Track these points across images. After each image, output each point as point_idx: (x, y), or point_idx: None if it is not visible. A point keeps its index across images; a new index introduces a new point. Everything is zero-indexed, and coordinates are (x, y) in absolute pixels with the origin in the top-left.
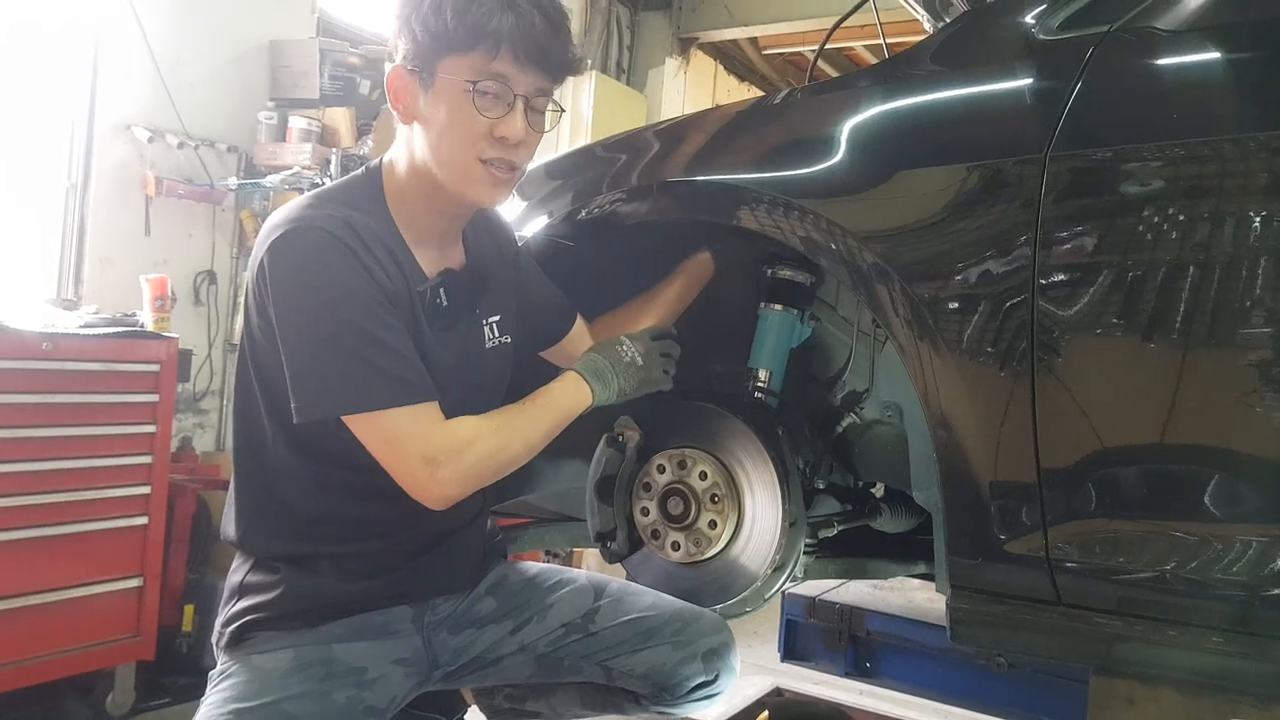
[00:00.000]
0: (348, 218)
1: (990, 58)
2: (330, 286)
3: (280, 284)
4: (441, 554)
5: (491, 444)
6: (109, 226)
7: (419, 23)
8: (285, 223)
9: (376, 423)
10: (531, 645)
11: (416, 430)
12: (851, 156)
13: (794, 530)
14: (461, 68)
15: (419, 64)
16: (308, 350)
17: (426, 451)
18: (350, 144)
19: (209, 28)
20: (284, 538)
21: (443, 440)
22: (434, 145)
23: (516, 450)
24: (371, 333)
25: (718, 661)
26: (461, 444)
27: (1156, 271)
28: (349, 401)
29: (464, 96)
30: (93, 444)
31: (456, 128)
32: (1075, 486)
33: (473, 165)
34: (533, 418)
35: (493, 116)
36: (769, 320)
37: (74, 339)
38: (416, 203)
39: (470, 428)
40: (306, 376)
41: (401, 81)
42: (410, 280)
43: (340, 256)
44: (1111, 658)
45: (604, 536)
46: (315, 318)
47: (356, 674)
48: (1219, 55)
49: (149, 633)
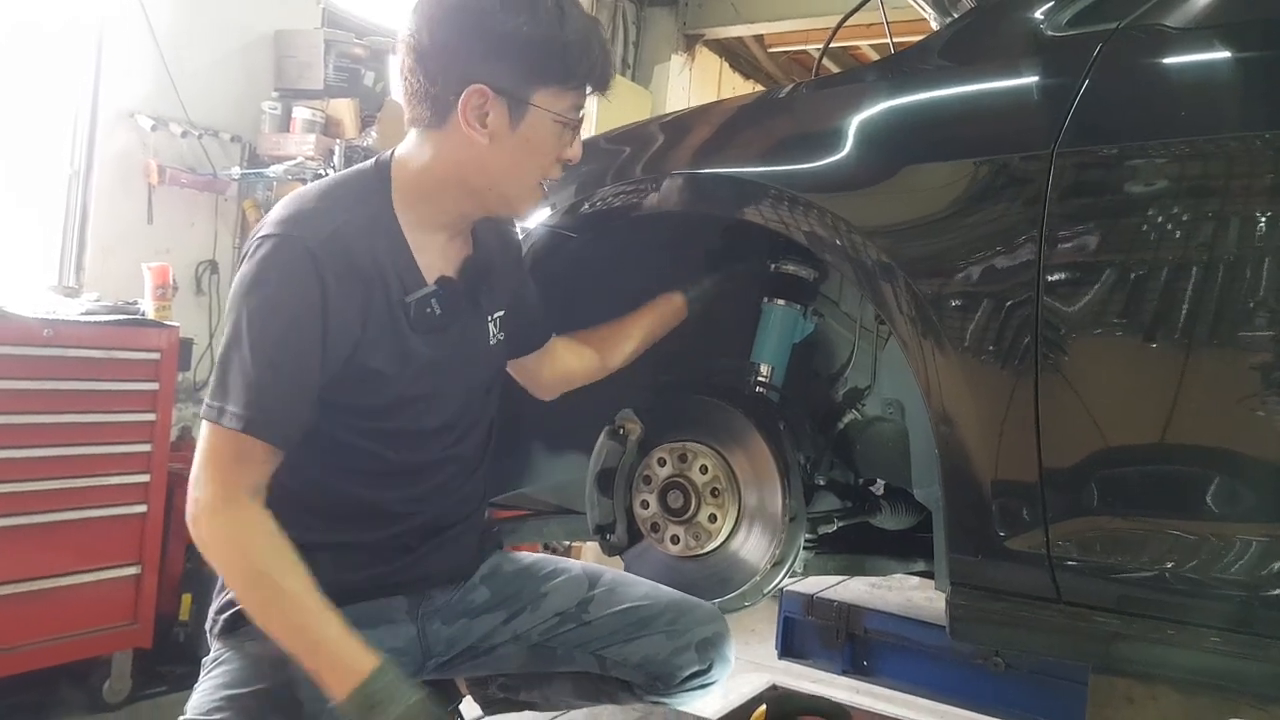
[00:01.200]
0: (343, 227)
1: (998, 53)
2: (269, 302)
3: (238, 282)
4: (438, 546)
5: (237, 569)
6: (111, 214)
7: (520, 48)
8: (277, 224)
9: (204, 430)
10: (525, 635)
11: (229, 463)
12: (858, 151)
13: (794, 525)
14: (558, 102)
15: (511, 88)
16: (224, 349)
17: (214, 491)
18: (354, 135)
19: (214, 17)
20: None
21: (230, 502)
22: (505, 165)
23: (243, 596)
24: (273, 357)
25: (712, 651)
26: (231, 529)
27: (1161, 270)
28: (209, 408)
29: (553, 128)
30: (92, 431)
31: (537, 154)
32: (1077, 484)
33: (537, 187)
34: (296, 619)
35: (567, 142)
36: (772, 315)
37: (75, 326)
38: (439, 203)
39: (255, 538)
40: (215, 372)
41: (485, 100)
42: (404, 287)
43: (301, 278)
44: (1111, 656)
45: (603, 529)
46: (239, 323)
47: None
48: (1228, 53)
49: (146, 621)
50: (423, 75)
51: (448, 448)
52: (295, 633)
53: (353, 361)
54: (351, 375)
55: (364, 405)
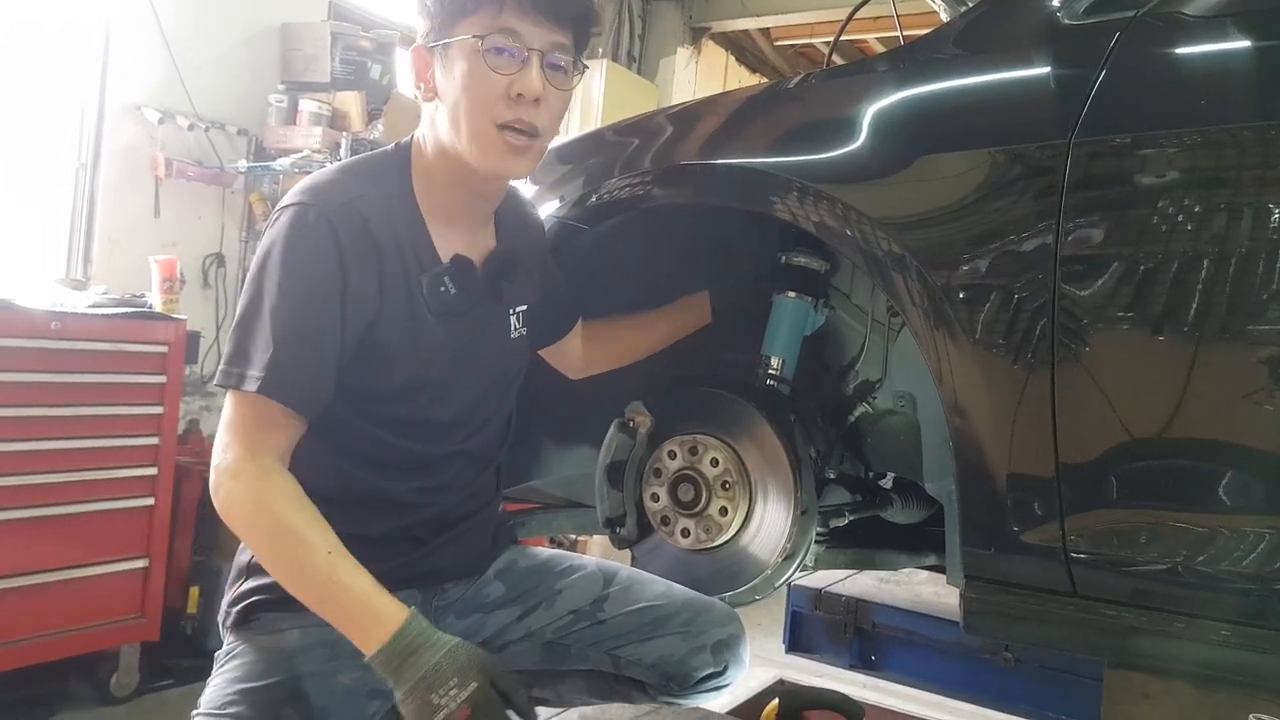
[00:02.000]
0: (359, 200)
1: (1013, 42)
2: (288, 269)
3: (258, 252)
4: (452, 539)
5: (261, 525)
6: (118, 207)
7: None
8: (296, 195)
9: (228, 400)
10: (539, 632)
11: (251, 428)
12: (871, 141)
13: (805, 519)
14: (470, 27)
15: (434, 37)
16: (241, 316)
17: (237, 453)
18: (360, 128)
19: (220, 9)
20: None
21: (253, 462)
22: (453, 116)
23: (267, 553)
24: (292, 321)
25: (727, 653)
26: (254, 488)
27: (1179, 260)
28: (227, 374)
29: (475, 57)
30: (100, 424)
31: (471, 91)
32: (1093, 477)
33: (489, 130)
34: (324, 573)
35: (507, 74)
36: (783, 307)
37: (82, 319)
38: (444, 182)
39: (279, 495)
40: (231, 340)
41: (420, 59)
42: (420, 265)
43: (319, 244)
44: (1127, 650)
45: (613, 522)
46: (259, 291)
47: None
48: (1248, 41)
49: (154, 614)
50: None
51: (462, 440)
52: (322, 587)
53: (368, 337)
54: (365, 353)
55: (376, 388)
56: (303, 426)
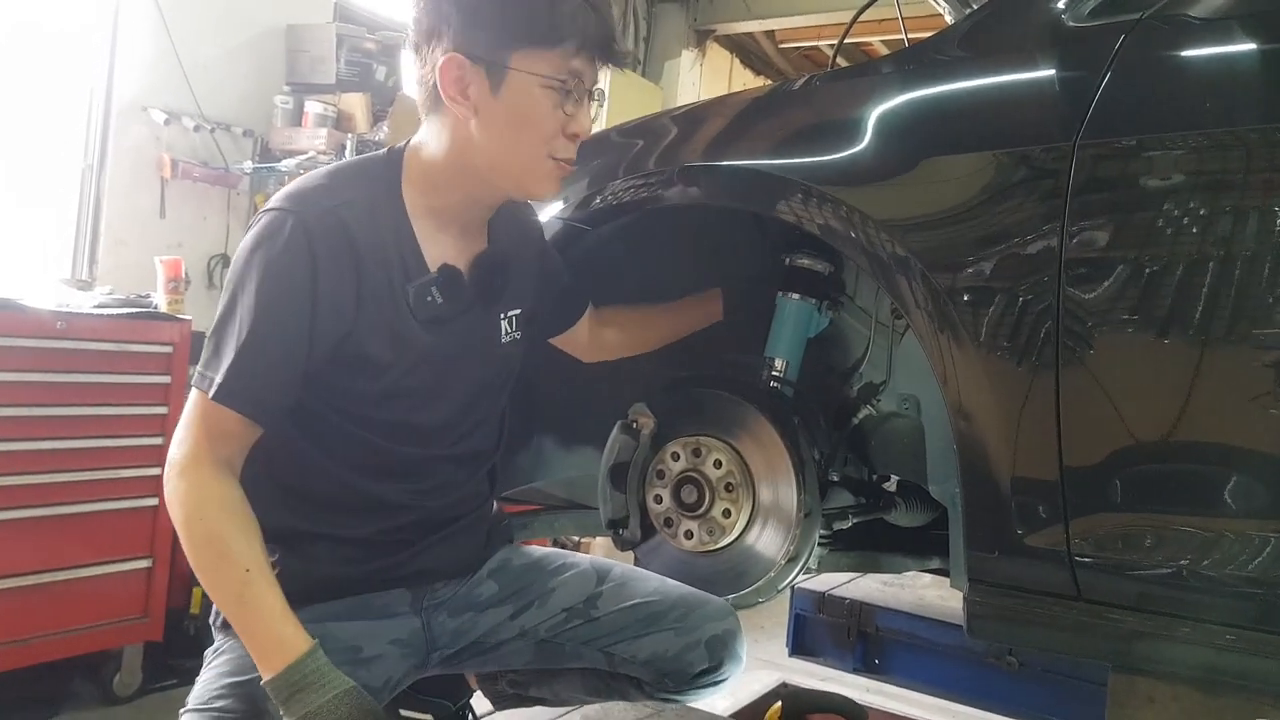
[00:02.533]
0: (343, 206)
1: (1018, 44)
2: (260, 277)
3: (238, 254)
4: (440, 541)
5: (193, 530)
6: (124, 208)
7: (494, 11)
8: (278, 200)
9: (192, 395)
10: (532, 630)
11: (205, 430)
12: (876, 143)
13: (809, 521)
14: (539, 63)
15: (487, 54)
16: (218, 320)
17: (188, 452)
18: (365, 129)
19: (227, 11)
20: (281, 515)
21: (200, 465)
22: (499, 140)
23: (192, 557)
24: (258, 329)
25: (722, 649)
26: (195, 490)
27: (1184, 262)
28: (201, 376)
29: (541, 93)
30: (104, 424)
31: (531, 125)
32: (1098, 480)
33: (543, 162)
34: (236, 587)
35: (570, 113)
36: (786, 309)
37: (87, 319)
38: (450, 192)
39: (216, 502)
40: (209, 343)
41: (462, 70)
42: (406, 273)
43: (292, 253)
44: (1132, 655)
45: (616, 524)
46: (234, 296)
47: (351, 652)
48: (1253, 44)
49: (157, 614)
50: (419, 60)
51: (451, 445)
52: (233, 602)
53: (347, 343)
54: (345, 358)
55: (359, 391)
56: (257, 433)
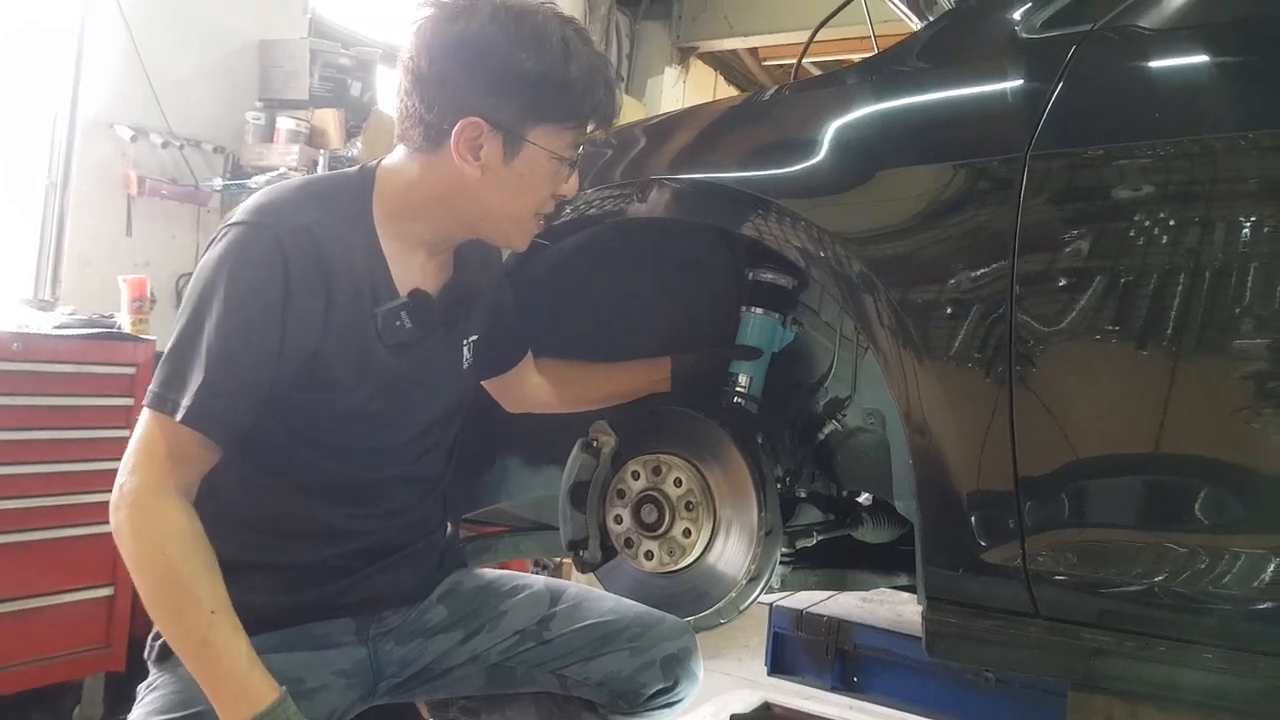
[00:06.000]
0: (315, 225)
1: (974, 55)
2: (230, 293)
3: (200, 268)
4: (388, 568)
5: (150, 566)
6: (89, 226)
7: (524, 86)
8: (247, 213)
9: (146, 417)
10: (483, 655)
11: (166, 455)
12: (831, 155)
13: (770, 540)
14: (556, 140)
15: (509, 124)
16: (179, 336)
17: (144, 480)
18: (339, 145)
19: (198, 26)
20: (219, 540)
21: (159, 494)
22: (498, 199)
23: (149, 598)
24: (228, 349)
25: (678, 668)
26: (154, 523)
27: (1137, 273)
28: (161, 398)
29: (550, 165)
30: (64, 448)
31: (531, 190)
32: (1052, 496)
33: (532, 221)
34: (200, 632)
35: (564, 176)
36: (750, 324)
37: (46, 340)
38: (424, 222)
39: (177, 537)
40: (168, 361)
41: (480, 133)
42: (375, 297)
43: (265, 270)
44: (1091, 673)
45: (576, 545)
46: (200, 312)
47: (293, 684)
48: (1202, 55)
49: (120, 643)
50: (419, 100)
51: (403, 467)
52: (196, 647)
53: (311, 365)
54: (306, 380)
55: (316, 413)
56: (216, 456)
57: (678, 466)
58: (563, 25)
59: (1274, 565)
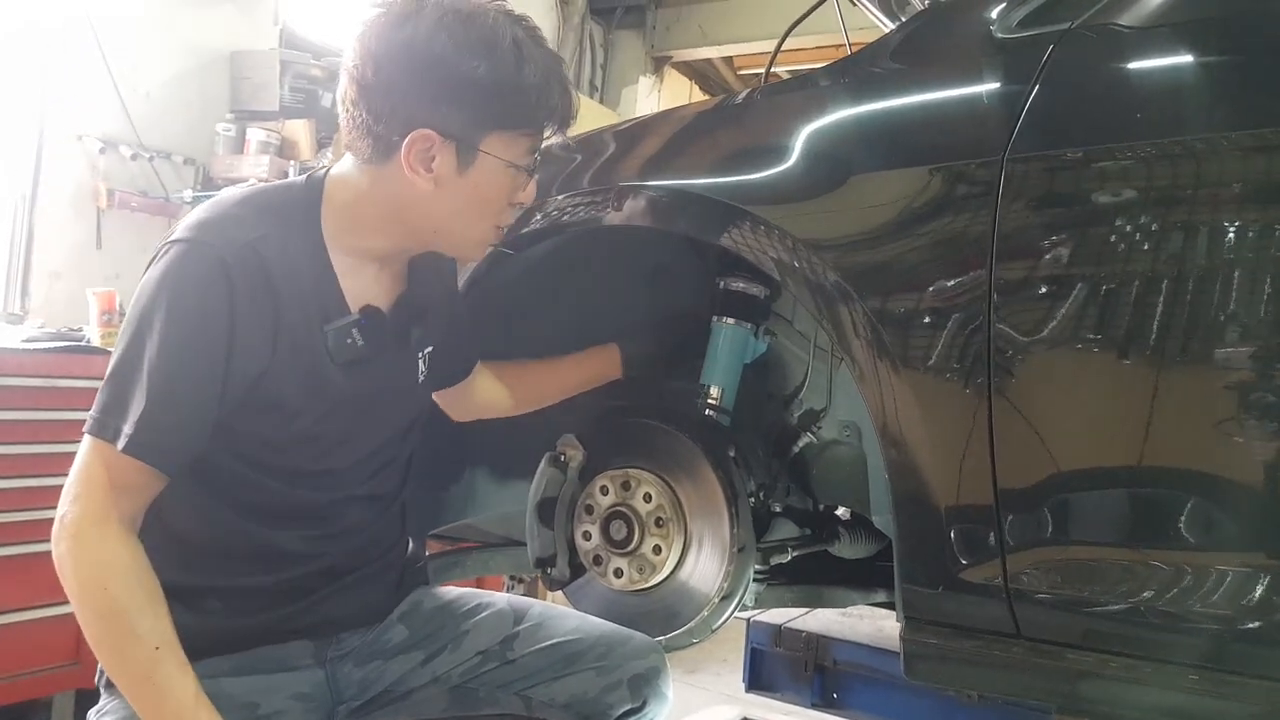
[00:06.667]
0: (260, 241)
1: (949, 56)
2: (173, 315)
3: (141, 288)
4: (344, 589)
5: (92, 600)
6: (58, 239)
7: (476, 94)
8: (190, 229)
9: (87, 445)
10: (445, 676)
11: (108, 484)
12: (802, 160)
13: (742, 556)
14: (512, 148)
15: (461, 133)
16: (120, 360)
17: (86, 510)
18: (309, 156)
19: (167, 38)
20: (168, 565)
21: (101, 524)
22: (452, 212)
23: (92, 632)
24: (172, 373)
25: (645, 688)
26: (97, 554)
27: (1116, 281)
28: (102, 425)
29: (506, 174)
30: (32, 462)
31: (487, 201)
32: (1033, 512)
33: (489, 232)
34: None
35: (520, 186)
36: (721, 334)
37: (13, 354)
38: (376, 235)
39: (121, 570)
40: (109, 385)
41: (431, 144)
42: (325, 314)
43: (209, 289)
44: (1075, 695)
45: (544, 562)
46: (141, 334)
47: (247, 710)
48: (1184, 53)
49: (89, 660)
50: (365, 110)
51: (358, 485)
52: (139, 684)
53: (259, 387)
54: (256, 401)
55: (264, 436)
56: (162, 485)
57: (647, 481)
58: (513, 26)
59: (1264, 583)
